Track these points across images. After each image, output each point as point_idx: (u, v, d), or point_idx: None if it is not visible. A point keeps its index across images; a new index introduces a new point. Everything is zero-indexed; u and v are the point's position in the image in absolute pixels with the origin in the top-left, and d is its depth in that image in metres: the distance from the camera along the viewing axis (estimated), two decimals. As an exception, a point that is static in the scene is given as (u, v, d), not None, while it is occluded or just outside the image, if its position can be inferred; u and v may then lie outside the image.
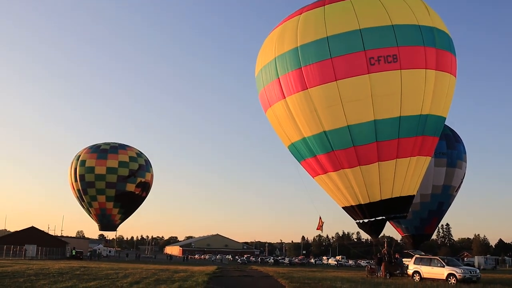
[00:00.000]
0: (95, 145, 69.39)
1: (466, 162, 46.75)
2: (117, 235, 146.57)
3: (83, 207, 68.11)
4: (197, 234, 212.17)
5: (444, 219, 48.88)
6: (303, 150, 28.97)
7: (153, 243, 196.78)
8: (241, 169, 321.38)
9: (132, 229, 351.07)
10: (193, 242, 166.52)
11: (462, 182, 46.30)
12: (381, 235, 34.32)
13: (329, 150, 27.47)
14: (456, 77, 28.87)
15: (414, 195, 29.56)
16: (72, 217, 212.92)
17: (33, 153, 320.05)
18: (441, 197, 44.10)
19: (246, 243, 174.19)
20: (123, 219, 70.51)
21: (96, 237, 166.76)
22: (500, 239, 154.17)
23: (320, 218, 36.46)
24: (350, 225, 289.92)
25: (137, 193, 68.61)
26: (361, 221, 29.61)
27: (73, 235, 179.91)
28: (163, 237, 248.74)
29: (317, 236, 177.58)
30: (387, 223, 31.79)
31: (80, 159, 66.88)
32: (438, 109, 27.76)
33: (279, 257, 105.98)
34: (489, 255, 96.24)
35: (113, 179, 65.49)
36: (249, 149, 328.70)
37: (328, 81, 26.00)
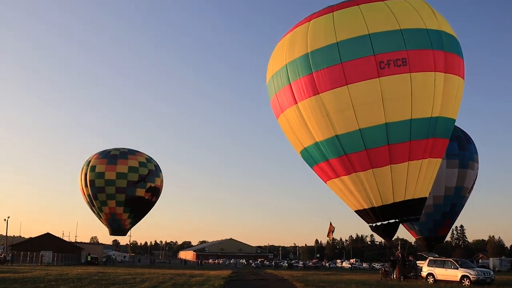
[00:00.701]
0: (105, 151, 69.99)
1: (478, 163, 46.60)
2: (131, 240, 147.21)
3: (94, 212, 68.79)
4: (211, 238, 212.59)
5: (458, 221, 48.80)
6: (315, 154, 29.23)
7: (167, 248, 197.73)
8: (254, 173, 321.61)
9: (146, 234, 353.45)
10: (206, 246, 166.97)
11: (474, 183, 46.19)
12: (395, 237, 34.47)
13: (341, 154, 27.70)
14: (464, 79, 29.09)
15: (426, 197, 29.70)
16: (85, 223, 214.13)
17: (46, 160, 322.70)
18: (454, 198, 43.97)
19: (259, 247, 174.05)
20: (133, 224, 71.09)
21: (109, 242, 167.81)
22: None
23: (330, 223, 36.36)
24: (363, 228, 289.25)
25: (146, 198, 69.02)
26: (374, 224, 29.80)
27: (87, 241, 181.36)
28: (176, 242, 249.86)
29: (332, 238, 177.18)
30: (400, 226, 31.94)
31: (90, 165, 67.54)
32: (447, 111, 27.96)
33: (293, 261, 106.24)
34: (504, 257, 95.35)
35: (123, 184, 66.01)
36: (262, 154, 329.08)
37: (339, 86, 26.32)
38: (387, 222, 29.05)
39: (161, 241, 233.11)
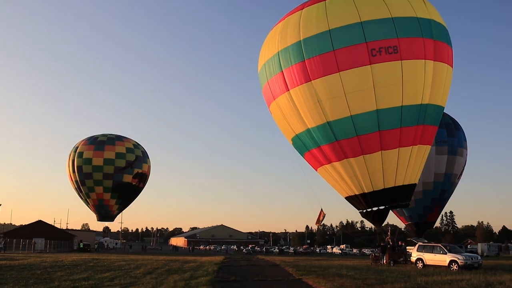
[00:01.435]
0: (92, 137, 69.94)
1: (466, 149, 47.22)
2: (122, 227, 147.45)
3: (81, 198, 68.96)
4: (202, 225, 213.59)
5: (447, 207, 49.50)
6: (307, 141, 29.52)
7: (158, 235, 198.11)
8: (244, 159, 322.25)
9: (137, 221, 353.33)
10: (197, 233, 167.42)
11: (463, 169, 46.81)
12: (385, 223, 34.98)
13: (333, 140, 28.07)
14: (452, 67, 29.49)
15: (416, 184, 30.21)
16: (76, 210, 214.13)
17: (35, 147, 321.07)
18: (443, 185, 44.61)
19: (250, 233, 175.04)
20: (120, 210, 71.42)
21: (100, 229, 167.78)
22: (503, 226, 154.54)
23: (321, 210, 36.49)
24: (354, 214, 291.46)
25: (134, 183, 69.31)
26: (365, 210, 30.25)
27: (79, 228, 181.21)
28: (167, 228, 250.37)
29: (321, 225, 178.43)
30: (390, 212, 32.40)
31: (77, 151, 67.61)
32: (437, 98, 28.39)
33: (284, 247, 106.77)
34: (492, 242, 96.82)
35: (110, 170, 66.28)
36: (252, 140, 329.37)
37: (331, 73, 26.63)
38: (377, 208, 29.55)
39: (152, 228, 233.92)
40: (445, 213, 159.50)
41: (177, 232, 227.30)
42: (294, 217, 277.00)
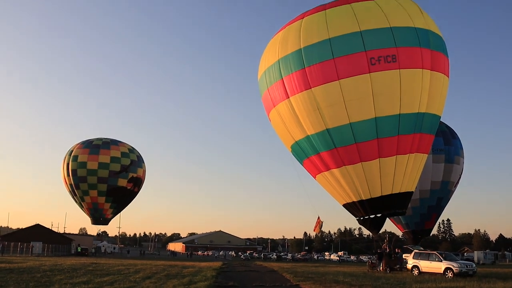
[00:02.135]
0: (87, 141, 69.98)
1: (463, 157, 47.44)
2: (120, 231, 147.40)
3: (76, 202, 68.89)
4: (200, 230, 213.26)
5: (445, 215, 49.82)
6: (306, 148, 29.76)
7: (156, 240, 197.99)
8: (243, 166, 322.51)
9: (135, 226, 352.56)
10: (196, 238, 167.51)
11: (460, 177, 47.08)
12: (383, 230, 35.26)
13: (332, 147, 28.28)
14: (449, 78, 29.91)
15: (413, 192, 30.50)
16: (74, 214, 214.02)
17: (33, 151, 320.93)
18: (440, 192, 44.79)
19: (248, 239, 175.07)
20: (115, 214, 71.48)
21: (102, 234, 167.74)
22: (500, 234, 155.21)
23: (318, 218, 36.74)
24: (352, 221, 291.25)
25: (129, 188, 69.35)
26: (362, 217, 30.55)
27: (76, 232, 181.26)
28: (165, 233, 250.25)
29: (319, 233, 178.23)
30: (388, 219, 32.67)
31: (72, 154, 67.64)
32: (433, 107, 28.73)
33: (282, 253, 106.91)
34: (488, 250, 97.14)
35: (104, 174, 66.25)
36: (252, 147, 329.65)
37: (331, 80, 26.91)
38: (374, 215, 29.85)
39: (150, 233, 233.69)
40: (443, 221, 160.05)
41: (175, 237, 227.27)
42: (292, 223, 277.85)
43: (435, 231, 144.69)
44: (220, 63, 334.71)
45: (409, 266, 32.74)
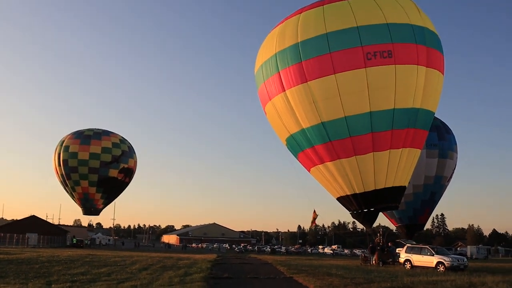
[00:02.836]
0: (78, 131, 69.94)
1: (457, 153, 47.80)
2: (114, 223, 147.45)
3: (67, 192, 69.05)
4: (194, 223, 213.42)
5: (439, 210, 50.21)
6: (301, 141, 30.00)
7: (150, 232, 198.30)
8: (237, 158, 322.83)
9: (129, 218, 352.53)
10: (190, 231, 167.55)
11: (453, 172, 47.44)
12: (377, 224, 35.67)
13: (327, 140, 28.55)
14: (444, 75, 30.27)
15: (405, 186, 30.87)
16: (68, 205, 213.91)
17: (27, 141, 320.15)
18: (434, 187, 45.13)
19: (242, 232, 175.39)
20: (106, 204, 71.56)
21: (92, 225, 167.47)
22: (493, 229, 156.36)
23: (314, 211, 37.10)
24: (346, 215, 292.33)
25: (120, 178, 69.41)
26: (355, 211, 30.93)
27: (71, 223, 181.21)
28: (160, 225, 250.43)
29: (313, 226, 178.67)
30: (382, 214, 33.04)
31: (63, 145, 67.72)
32: (428, 103, 29.07)
33: (276, 246, 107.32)
34: (481, 245, 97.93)
35: (96, 165, 66.33)
36: (246, 139, 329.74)
37: (327, 74, 27.18)
38: (367, 210, 30.23)
39: (145, 225, 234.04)
40: (436, 215, 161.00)
41: (170, 229, 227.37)
42: (286, 216, 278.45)
43: (429, 226, 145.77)
44: (213, 55, 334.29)
45: (402, 260, 33.18)
